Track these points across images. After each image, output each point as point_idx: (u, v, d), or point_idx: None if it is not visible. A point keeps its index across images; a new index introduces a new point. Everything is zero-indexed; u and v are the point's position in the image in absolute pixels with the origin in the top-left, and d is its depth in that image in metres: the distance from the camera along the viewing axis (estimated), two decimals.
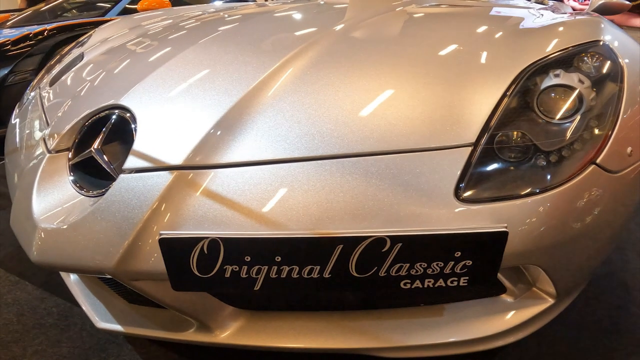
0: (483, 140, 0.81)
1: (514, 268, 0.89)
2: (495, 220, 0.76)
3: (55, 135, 0.97)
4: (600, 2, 2.15)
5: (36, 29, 2.63)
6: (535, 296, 0.94)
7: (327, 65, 0.98)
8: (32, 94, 1.40)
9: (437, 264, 0.75)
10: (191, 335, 0.95)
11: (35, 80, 1.54)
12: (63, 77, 1.32)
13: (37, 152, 0.99)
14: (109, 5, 3.07)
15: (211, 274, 0.77)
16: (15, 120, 1.35)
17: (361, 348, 0.92)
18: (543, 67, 0.91)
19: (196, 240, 0.74)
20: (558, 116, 0.85)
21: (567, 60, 0.92)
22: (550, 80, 0.89)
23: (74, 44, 1.67)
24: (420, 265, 0.75)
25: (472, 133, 0.81)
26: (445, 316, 0.93)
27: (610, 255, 1.53)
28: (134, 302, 1.05)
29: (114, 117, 0.94)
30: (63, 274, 1.16)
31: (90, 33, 1.67)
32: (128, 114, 0.93)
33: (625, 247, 1.59)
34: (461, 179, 0.78)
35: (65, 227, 0.82)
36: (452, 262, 0.75)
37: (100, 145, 0.91)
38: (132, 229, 0.78)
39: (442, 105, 0.86)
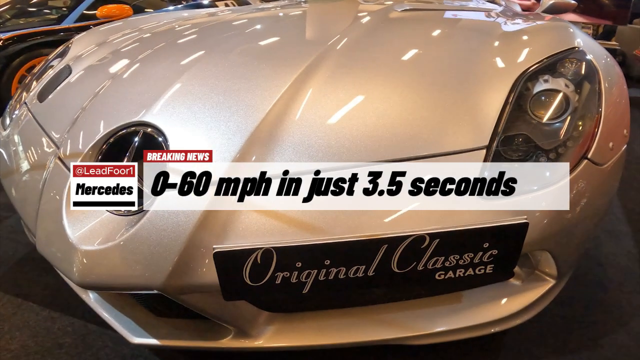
0: (495, 143, 0.89)
1: (523, 254, 0.99)
2: (511, 213, 0.84)
3: (76, 154, 0.95)
4: (550, 2, 2.33)
5: None
6: (538, 278, 1.03)
7: (344, 78, 1.02)
8: (18, 110, 1.33)
9: (468, 255, 0.82)
10: (229, 342, 0.97)
11: (16, 96, 1.46)
12: (55, 92, 1.27)
13: (55, 173, 0.96)
14: (66, 12, 2.91)
15: (262, 282, 0.80)
16: (4, 137, 1.28)
17: (391, 338, 0.98)
18: (534, 74, 1.00)
19: (250, 251, 0.77)
20: (551, 117, 0.95)
21: (551, 67, 1.02)
22: (540, 85, 0.99)
23: (51, 56, 1.59)
24: (454, 257, 0.82)
25: (485, 136, 0.89)
26: (463, 302, 1.01)
27: None
28: (161, 315, 1.05)
29: (139, 134, 0.93)
30: (81, 293, 1.13)
31: (67, 44, 1.60)
32: (152, 130, 0.93)
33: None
34: (480, 178, 0.85)
35: (107, 247, 0.82)
36: (481, 253, 0.82)
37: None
38: (179, 244, 0.79)
39: (454, 113, 0.94)
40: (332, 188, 0.82)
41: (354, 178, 0.83)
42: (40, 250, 0.91)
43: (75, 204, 0.88)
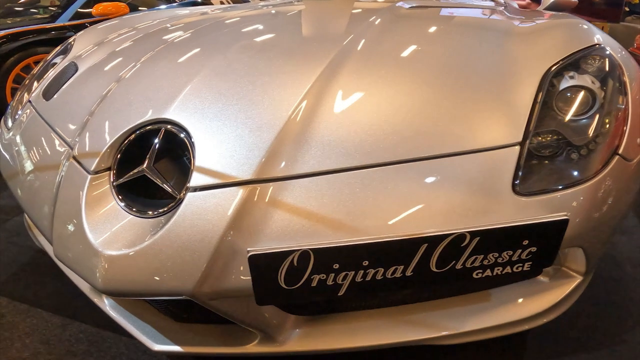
0: (528, 139, 0.86)
1: None
2: (548, 210, 0.81)
3: (93, 154, 0.89)
4: (551, 0, 2.32)
5: None
6: (565, 275, 1.01)
7: (369, 77, 0.98)
8: (22, 110, 1.26)
9: (507, 253, 0.79)
10: (256, 347, 0.93)
11: (17, 97, 1.39)
12: (62, 90, 1.20)
13: (71, 174, 0.90)
14: (59, 10, 2.80)
15: (297, 285, 0.76)
16: (8, 138, 1.21)
17: (422, 339, 0.94)
18: (559, 70, 0.98)
19: (286, 253, 0.73)
20: (578, 114, 0.92)
21: (575, 64, 1.00)
22: (566, 82, 0.96)
23: (52, 53, 1.51)
24: (493, 256, 0.79)
25: (518, 133, 0.86)
26: (492, 301, 0.98)
27: None
28: (181, 321, 1.00)
29: (160, 132, 0.87)
30: (95, 298, 1.08)
31: (69, 41, 1.52)
32: (175, 128, 0.88)
33: None
34: (515, 174, 0.82)
35: (132, 251, 0.76)
36: (520, 250, 0.79)
37: (152, 162, 0.84)
38: (209, 248, 0.74)
39: (483, 110, 0.91)
40: (366, 186, 0.78)
41: (388, 176, 0.80)
42: (58, 255, 0.85)
43: (93, 205, 0.83)
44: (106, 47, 1.34)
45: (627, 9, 5.40)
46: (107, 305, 1.05)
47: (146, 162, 0.84)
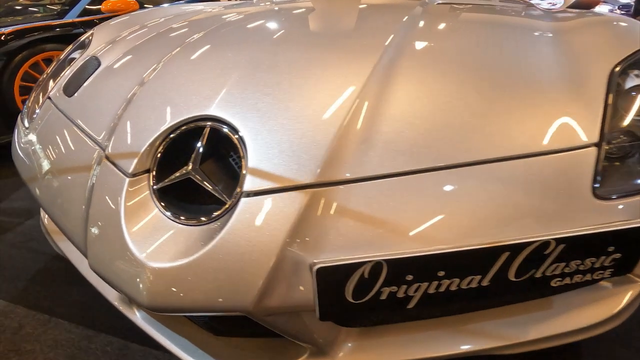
0: (604, 140, 0.78)
1: None
2: (629, 214, 0.74)
3: (130, 154, 0.79)
4: None
5: None
6: (629, 280, 0.93)
7: (427, 72, 0.89)
8: (40, 109, 1.16)
9: (590, 260, 0.72)
10: None
11: (32, 98, 1.28)
12: (85, 85, 1.10)
13: (105, 176, 0.81)
14: (66, 7, 2.68)
15: (365, 299, 0.68)
16: (27, 137, 1.11)
17: (482, 349, 0.86)
18: (624, 69, 0.91)
19: (357, 265, 0.64)
20: None
21: (638, 63, 0.93)
22: (632, 81, 0.90)
23: (68, 49, 1.41)
24: (575, 263, 0.71)
25: (592, 134, 0.79)
26: (554, 308, 0.90)
27: None
28: (221, 335, 0.92)
29: (206, 130, 0.78)
30: (123, 309, 0.98)
31: (87, 34, 1.42)
32: (222, 126, 0.78)
33: None
34: (594, 177, 0.75)
35: (182, 264, 0.67)
36: (604, 257, 0.72)
37: (198, 163, 0.75)
38: (268, 260, 0.66)
39: (553, 109, 0.83)
40: (437, 190, 0.70)
41: (460, 179, 0.71)
42: (95, 267, 0.76)
43: (133, 211, 0.73)
44: (131, 41, 1.24)
45: None
46: (139, 317, 0.96)
47: (191, 163, 0.75)
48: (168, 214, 0.74)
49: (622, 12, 9.55)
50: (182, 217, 0.74)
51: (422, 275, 0.67)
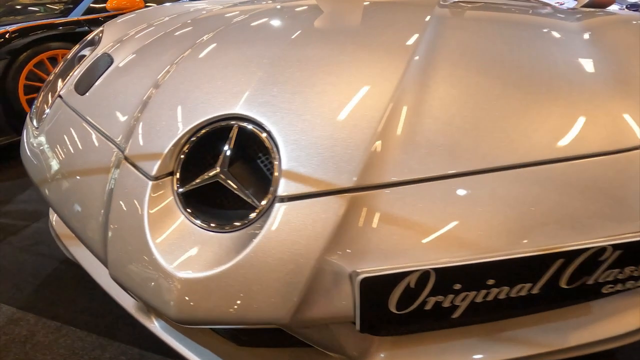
0: None
1: None
2: None
3: (152, 156, 0.74)
4: None
5: None
6: None
7: (465, 71, 0.84)
8: (50, 108, 1.10)
9: None
10: None
11: (40, 98, 1.22)
12: (99, 83, 1.04)
13: (125, 179, 0.75)
14: (70, 5, 2.61)
15: (409, 309, 0.63)
16: (37, 138, 1.05)
17: (520, 357, 0.82)
18: None
19: (403, 274, 0.60)
20: None
21: None
22: None
23: (77, 46, 1.35)
24: (629, 269, 0.67)
25: None
26: (594, 313, 0.86)
27: None
28: (244, 345, 0.87)
29: (233, 130, 0.72)
30: (140, 317, 0.93)
31: (97, 31, 1.36)
32: (250, 125, 0.72)
33: None
34: None
35: (213, 274, 0.62)
36: None
37: (227, 165, 0.70)
38: (306, 270, 0.61)
39: (605, 109, 0.78)
40: (486, 194, 0.65)
41: (508, 182, 0.66)
42: (116, 277, 0.71)
43: (158, 217, 0.68)
44: (143, 38, 1.18)
45: None
46: (157, 326, 0.91)
47: (219, 165, 0.69)
48: (197, 221, 0.69)
49: (632, 11, 9.54)
50: (212, 224, 0.68)
51: (471, 284, 0.62)
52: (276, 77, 0.80)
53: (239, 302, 0.62)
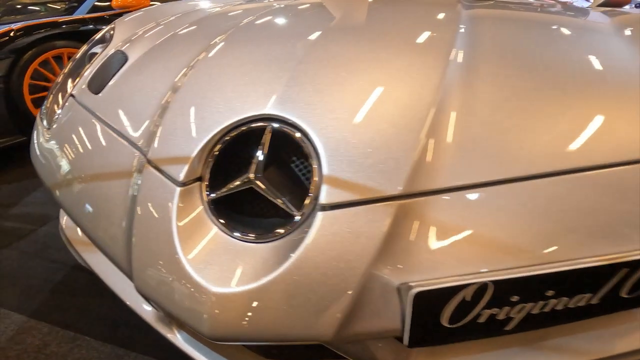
0: None
1: None
2: None
3: (178, 160, 0.69)
4: None
5: (0, 29, 2.09)
6: None
7: (515, 73, 0.78)
8: (62, 109, 1.04)
9: None
10: None
11: (50, 98, 1.16)
12: (114, 81, 0.98)
13: (149, 185, 0.70)
14: (74, 4, 2.54)
15: (462, 323, 0.58)
16: (49, 140, 0.99)
17: None
18: None
19: (460, 287, 0.55)
20: None
21: None
22: None
23: (87, 45, 1.29)
24: None
25: None
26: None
27: None
28: (272, 357, 0.82)
29: (266, 131, 0.67)
30: (161, 328, 0.88)
31: (107, 29, 1.30)
32: (285, 127, 0.67)
33: None
34: None
35: (250, 289, 0.57)
36: None
37: (261, 170, 0.64)
38: (353, 282, 0.56)
39: None
40: (538, 201, 0.60)
41: (563, 189, 0.61)
42: (143, 291, 0.66)
43: (187, 226, 0.63)
44: (161, 33, 1.12)
45: None
46: (179, 338, 0.86)
47: (253, 170, 0.64)
48: (232, 232, 0.63)
49: None
50: (248, 235, 0.63)
51: (530, 296, 0.57)
52: (309, 76, 0.74)
53: (278, 317, 0.57)
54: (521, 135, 0.65)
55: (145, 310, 0.92)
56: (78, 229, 1.07)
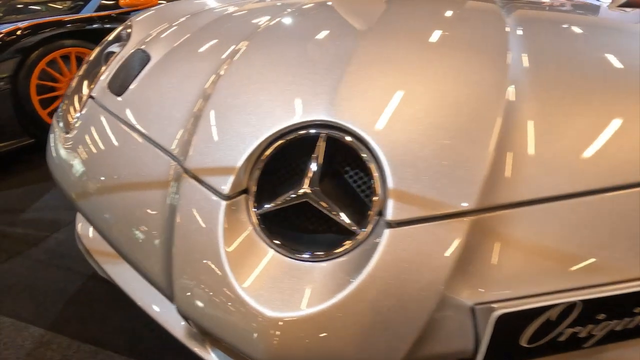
0: None
1: None
2: None
3: (221, 170, 0.63)
4: None
5: (6, 27, 2.01)
6: None
7: (583, 81, 0.72)
8: (80, 112, 0.97)
9: None
10: None
11: (67, 100, 1.09)
12: (138, 82, 0.91)
13: (190, 198, 0.63)
14: (81, 2, 2.45)
15: (541, 342, 0.53)
16: (69, 142, 0.92)
17: None
18: None
19: (546, 308, 0.50)
20: None
21: None
22: None
23: (102, 44, 1.21)
24: None
25: None
26: None
27: None
28: None
29: (320, 140, 0.60)
30: (197, 349, 0.82)
31: (122, 27, 1.22)
32: (342, 135, 0.61)
33: None
34: None
35: (311, 313, 0.52)
36: None
37: (317, 183, 0.59)
38: (426, 304, 0.51)
39: None
40: (624, 214, 0.55)
41: None
42: (186, 314, 0.61)
43: (236, 244, 0.57)
44: (181, 32, 1.05)
45: None
46: (213, 356, 0.80)
47: (307, 183, 0.58)
48: (288, 253, 0.58)
49: None
50: (304, 255, 0.57)
51: (617, 314, 0.52)
52: (361, 78, 0.68)
53: (342, 343, 0.52)
54: (601, 144, 0.59)
55: (175, 326, 0.86)
56: (93, 235, 1.00)
